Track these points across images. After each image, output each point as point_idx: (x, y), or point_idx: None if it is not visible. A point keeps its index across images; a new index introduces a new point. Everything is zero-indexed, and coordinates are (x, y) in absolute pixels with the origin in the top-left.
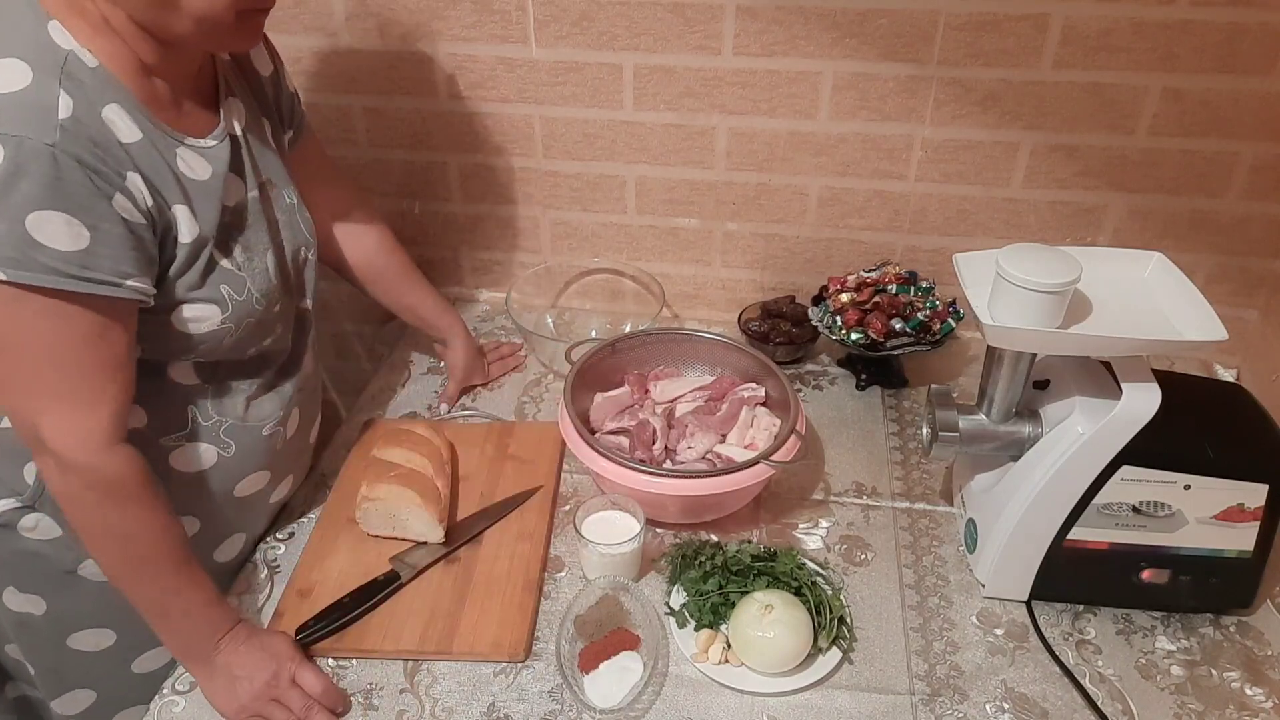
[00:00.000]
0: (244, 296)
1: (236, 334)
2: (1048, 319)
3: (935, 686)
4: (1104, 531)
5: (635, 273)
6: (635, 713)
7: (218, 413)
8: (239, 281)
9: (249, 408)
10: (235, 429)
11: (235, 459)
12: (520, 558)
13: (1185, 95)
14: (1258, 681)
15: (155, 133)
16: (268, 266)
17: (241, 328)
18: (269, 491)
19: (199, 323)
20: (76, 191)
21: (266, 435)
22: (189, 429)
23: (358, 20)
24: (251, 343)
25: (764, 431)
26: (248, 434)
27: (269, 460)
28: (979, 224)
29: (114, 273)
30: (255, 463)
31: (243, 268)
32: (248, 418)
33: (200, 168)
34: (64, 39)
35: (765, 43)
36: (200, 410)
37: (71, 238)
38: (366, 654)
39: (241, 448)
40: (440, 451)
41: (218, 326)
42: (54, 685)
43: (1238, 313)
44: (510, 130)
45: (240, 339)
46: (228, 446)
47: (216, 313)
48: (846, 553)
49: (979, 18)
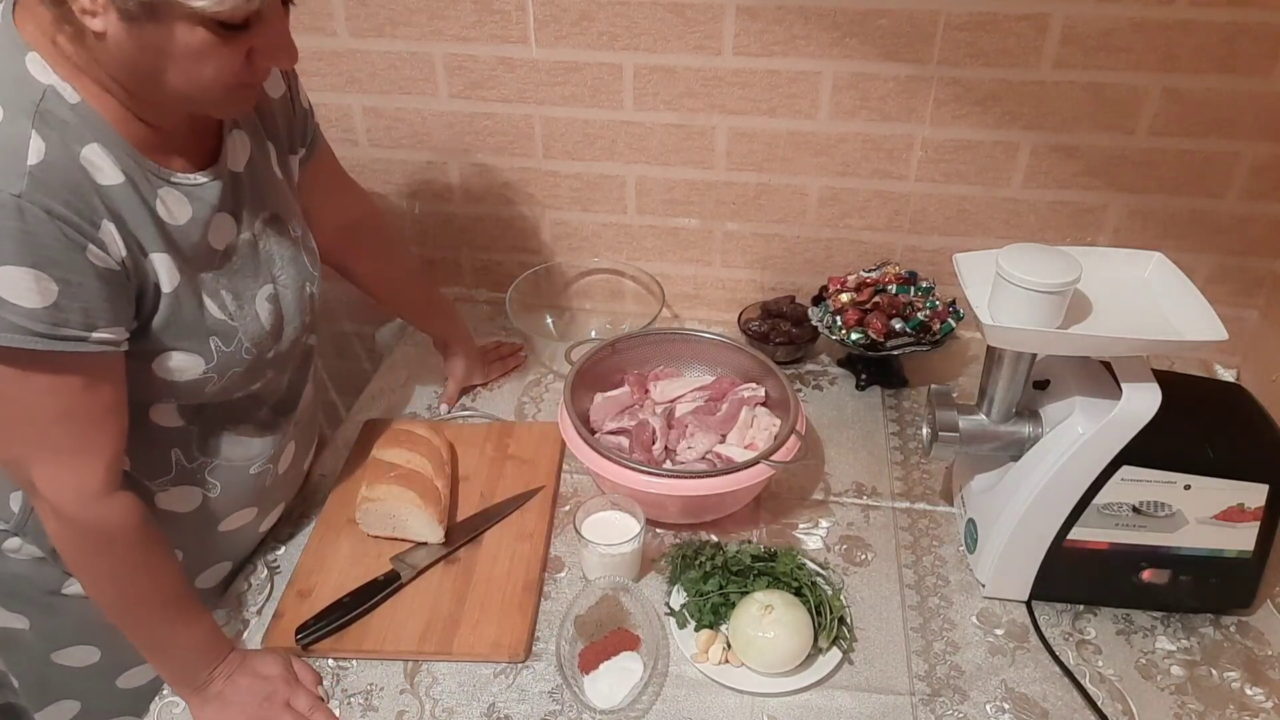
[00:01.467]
0: (232, 347)
1: (221, 383)
2: (1048, 319)
3: (935, 686)
4: (1104, 531)
5: (635, 273)
6: (635, 713)
7: (202, 454)
8: (229, 331)
9: (236, 448)
10: (221, 469)
11: (221, 499)
12: (520, 558)
13: (1185, 95)
14: (1258, 681)
15: (139, 173)
16: (260, 313)
17: (226, 377)
18: (257, 524)
19: (181, 372)
20: (46, 244)
21: (255, 474)
22: (172, 473)
23: (358, 20)
24: (238, 389)
25: (764, 431)
26: (234, 474)
27: (256, 497)
28: (979, 224)
29: (83, 326)
30: (242, 500)
31: (235, 316)
32: (235, 458)
33: (180, 211)
34: (43, 73)
35: (765, 43)
36: (184, 453)
37: (39, 293)
38: (367, 654)
39: (228, 488)
40: (440, 452)
41: (200, 376)
42: (38, 697)
43: (1238, 313)
44: (510, 130)
45: (225, 387)
46: (213, 487)
47: (199, 363)
48: (846, 553)
49: (979, 18)
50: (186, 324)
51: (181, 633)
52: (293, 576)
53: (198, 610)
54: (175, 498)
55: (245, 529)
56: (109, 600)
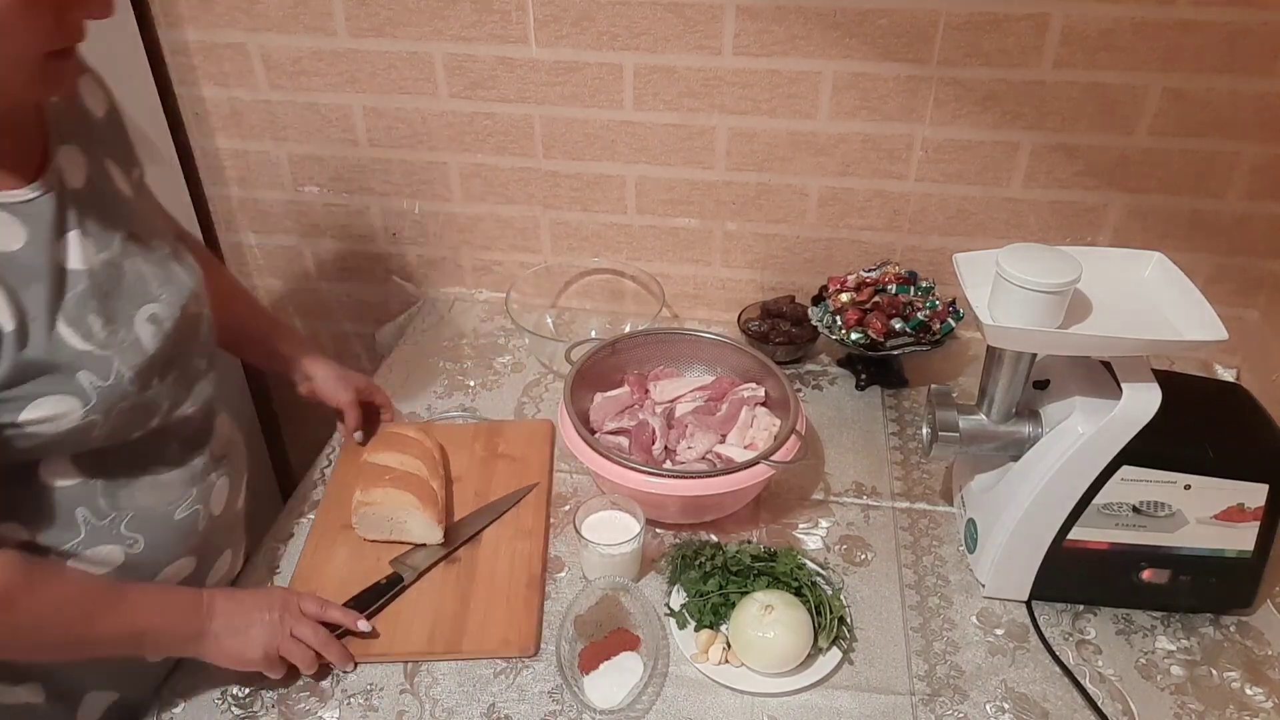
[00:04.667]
0: (111, 379)
1: (108, 424)
2: (1048, 319)
3: (935, 686)
4: (1104, 531)
5: (635, 273)
6: (635, 713)
7: (113, 507)
8: (101, 362)
9: (151, 493)
10: (139, 520)
11: (148, 553)
12: (521, 555)
13: (1185, 95)
14: (1258, 681)
15: None
16: (141, 335)
17: (113, 415)
18: (201, 576)
19: (54, 421)
20: None
21: (181, 519)
22: (82, 534)
23: (358, 20)
24: (133, 428)
25: (764, 431)
26: (156, 523)
27: (190, 546)
28: (979, 224)
29: None
30: (173, 551)
31: (106, 343)
32: (152, 505)
33: (9, 233)
34: None
35: (765, 43)
36: (90, 510)
37: None
38: (376, 658)
39: (153, 539)
40: (432, 453)
41: (80, 421)
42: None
43: (1238, 313)
44: (510, 130)
45: (116, 428)
46: (134, 542)
47: (76, 406)
48: (846, 553)
49: (979, 18)
50: (43, 363)
51: (143, 613)
52: (291, 584)
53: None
54: (93, 561)
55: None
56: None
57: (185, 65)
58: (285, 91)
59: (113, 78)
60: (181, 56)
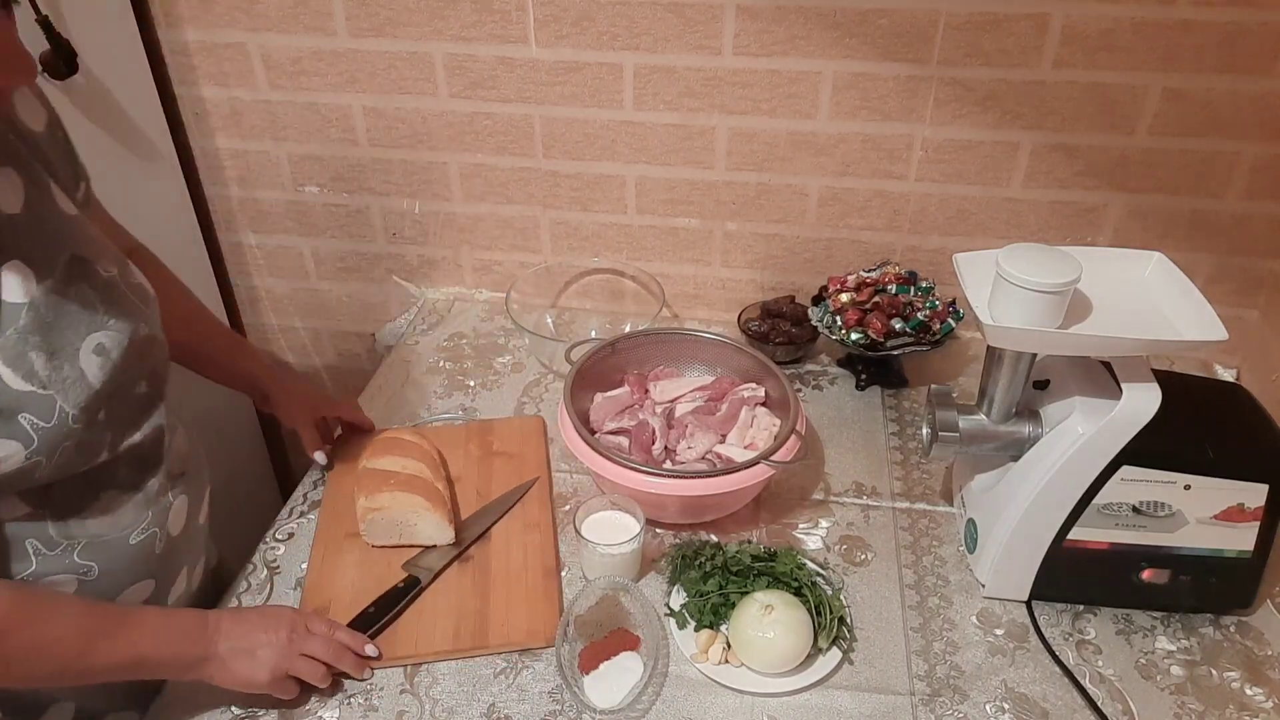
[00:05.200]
0: (54, 420)
1: (53, 464)
2: (1048, 319)
3: (935, 686)
4: (1104, 531)
5: (635, 273)
6: (635, 713)
7: (64, 537)
8: (44, 403)
9: (103, 521)
10: (92, 547)
11: (103, 579)
12: (534, 547)
13: (1185, 95)
14: (1258, 681)
15: None
16: (86, 369)
17: (57, 456)
18: (162, 597)
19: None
20: None
21: (137, 544)
22: (34, 566)
23: (358, 20)
24: (78, 465)
25: (764, 431)
26: (110, 549)
27: (148, 569)
28: (979, 224)
29: None
30: (130, 575)
31: (49, 383)
32: (105, 532)
33: None
34: None
35: (765, 43)
36: (41, 543)
37: None
38: (403, 660)
39: (108, 565)
40: (432, 454)
41: (23, 464)
42: None
43: (1238, 313)
44: (510, 130)
45: (60, 465)
46: (88, 570)
47: (17, 449)
48: (846, 553)
49: (979, 18)
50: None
51: (147, 635)
52: (302, 599)
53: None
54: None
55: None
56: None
57: (185, 65)
58: (285, 91)
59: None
60: (181, 56)
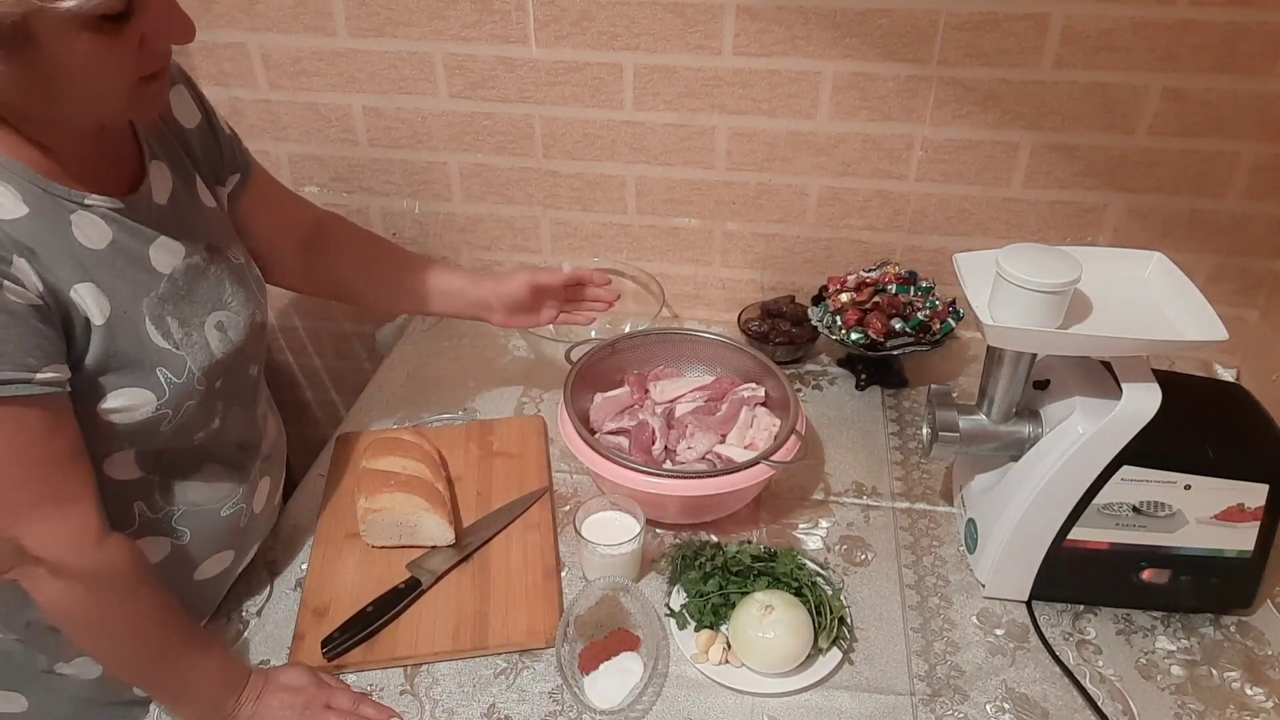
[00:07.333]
0: (184, 378)
1: (176, 419)
2: (1048, 319)
3: (935, 687)
4: (1104, 531)
5: (635, 273)
6: (635, 713)
7: (167, 502)
8: (177, 361)
9: (204, 492)
10: (189, 515)
11: (193, 545)
12: (534, 547)
13: (1185, 95)
14: (1258, 681)
15: (47, 201)
16: (209, 340)
17: (181, 412)
18: (234, 569)
19: (130, 411)
20: None
21: (227, 516)
22: (135, 525)
23: (358, 20)
24: (196, 428)
25: (764, 431)
26: (204, 519)
27: (231, 540)
28: (979, 224)
29: (21, 367)
30: (216, 545)
31: (181, 345)
32: (203, 502)
33: (99, 235)
34: None
35: (765, 43)
36: (147, 504)
37: None
38: (403, 660)
39: (199, 533)
40: (433, 455)
41: (153, 414)
42: None
43: (1238, 313)
44: (510, 130)
45: (182, 424)
46: (182, 535)
47: (151, 399)
48: (846, 553)
49: (979, 18)
50: (127, 356)
51: (201, 667)
52: (304, 599)
53: (209, 640)
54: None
55: (222, 576)
56: (123, 653)
57: (185, 65)
58: (285, 91)
59: None
60: (181, 56)
